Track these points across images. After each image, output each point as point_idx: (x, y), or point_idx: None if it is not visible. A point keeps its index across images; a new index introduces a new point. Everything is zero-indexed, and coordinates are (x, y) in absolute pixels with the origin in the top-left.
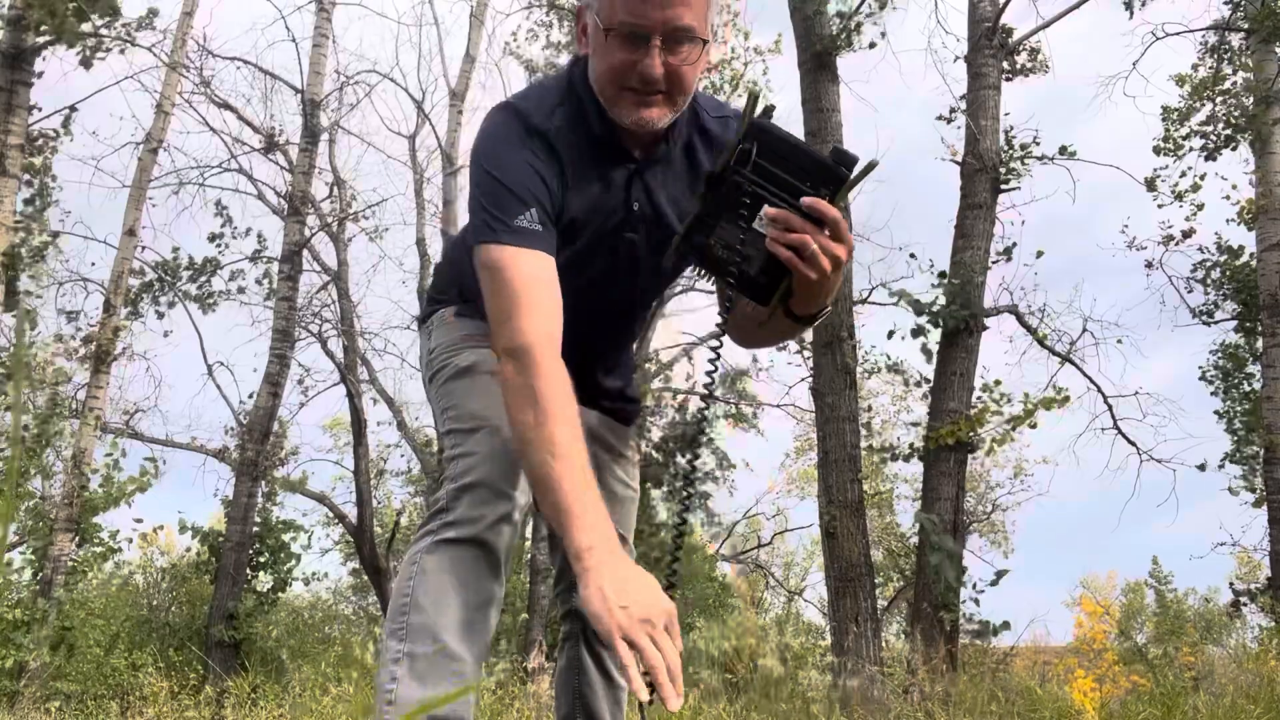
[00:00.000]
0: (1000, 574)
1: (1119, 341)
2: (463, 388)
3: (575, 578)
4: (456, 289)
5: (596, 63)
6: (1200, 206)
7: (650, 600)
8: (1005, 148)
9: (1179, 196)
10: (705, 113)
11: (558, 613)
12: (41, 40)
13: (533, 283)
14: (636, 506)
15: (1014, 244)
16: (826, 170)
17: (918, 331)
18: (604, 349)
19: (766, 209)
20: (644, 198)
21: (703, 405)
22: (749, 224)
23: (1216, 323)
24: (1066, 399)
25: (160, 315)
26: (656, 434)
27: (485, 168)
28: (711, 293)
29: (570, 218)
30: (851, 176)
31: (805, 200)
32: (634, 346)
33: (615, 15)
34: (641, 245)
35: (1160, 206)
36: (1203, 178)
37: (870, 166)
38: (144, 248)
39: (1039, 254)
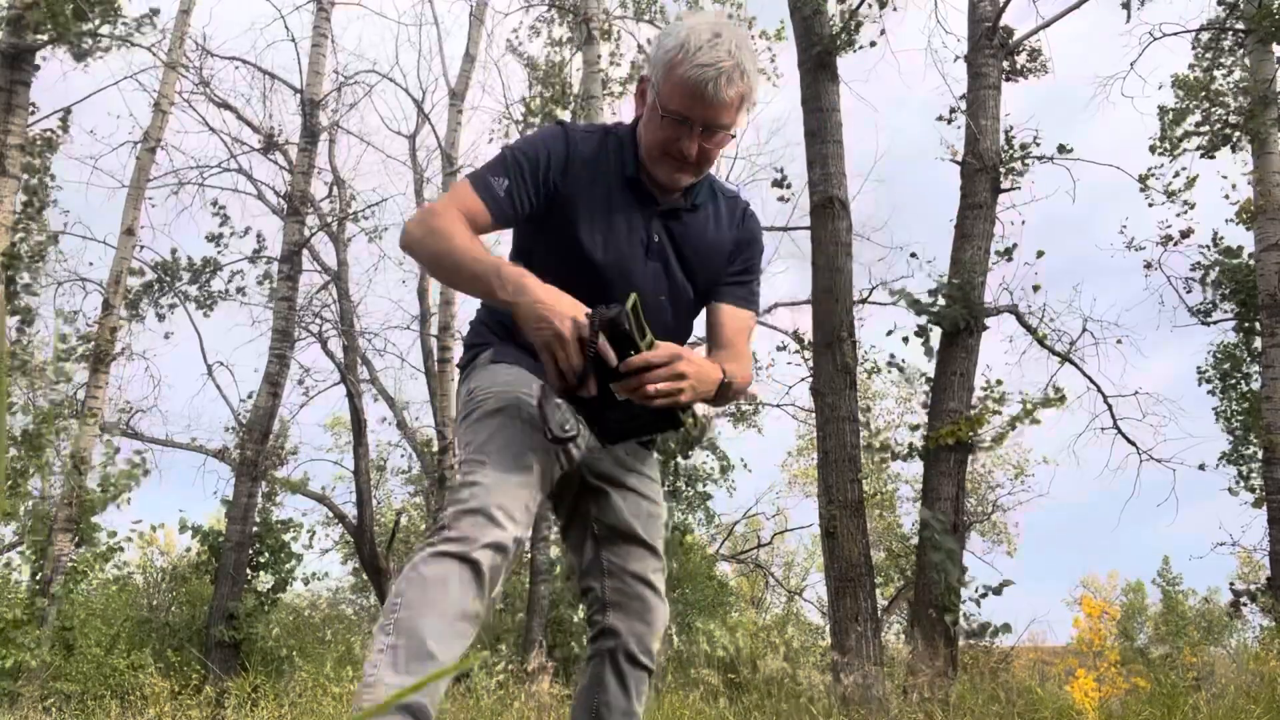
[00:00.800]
0: (1004, 584)
1: (1119, 341)
2: (485, 428)
3: (599, 590)
4: (489, 328)
5: (648, 130)
6: (1192, 205)
7: (570, 306)
8: (1005, 148)
9: (1170, 195)
10: (716, 183)
11: (588, 631)
12: (41, 40)
13: (465, 201)
14: (663, 521)
15: (1014, 244)
16: (622, 338)
17: (920, 332)
18: None
19: (613, 386)
20: (663, 234)
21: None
22: (618, 401)
23: (1215, 323)
24: (1063, 399)
25: (161, 317)
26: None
27: (508, 148)
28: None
29: (595, 235)
30: (624, 326)
31: (621, 368)
32: None
33: (671, 102)
34: (662, 273)
35: (1151, 205)
36: (1195, 178)
37: (627, 306)
38: (143, 247)
39: (1039, 254)
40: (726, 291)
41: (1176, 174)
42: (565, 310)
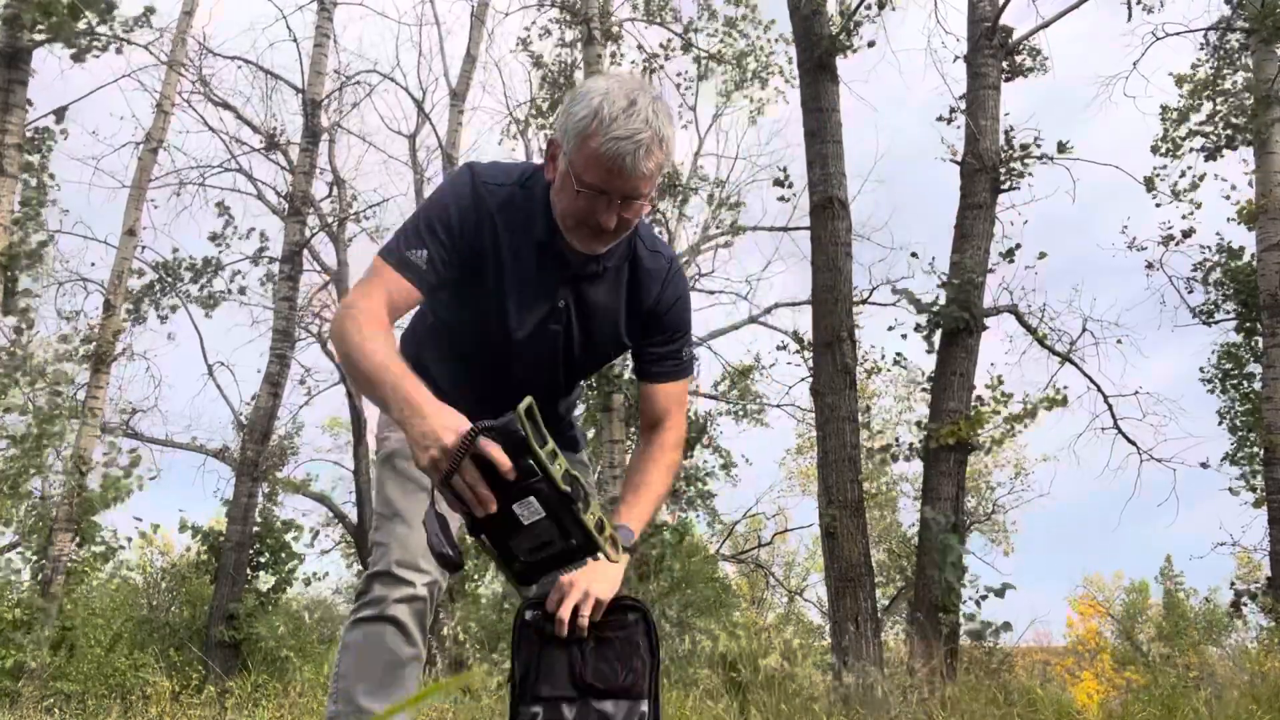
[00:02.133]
0: (1005, 586)
1: (1119, 341)
2: (387, 473)
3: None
4: (412, 358)
5: (560, 199)
6: (1198, 205)
7: (453, 420)
8: (1005, 148)
9: (1176, 195)
10: (642, 243)
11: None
12: (38, 39)
13: (385, 284)
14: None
15: (1018, 245)
16: (518, 445)
17: (920, 329)
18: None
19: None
20: (570, 298)
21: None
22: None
23: (1216, 323)
24: (1064, 400)
25: (163, 319)
26: None
27: (420, 205)
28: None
29: (501, 295)
30: (520, 434)
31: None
32: (569, 404)
33: (586, 175)
34: (562, 338)
35: (1158, 206)
36: (1201, 178)
37: (521, 409)
38: (144, 248)
39: (1041, 255)
40: (657, 370)
41: (1183, 174)
42: (449, 424)
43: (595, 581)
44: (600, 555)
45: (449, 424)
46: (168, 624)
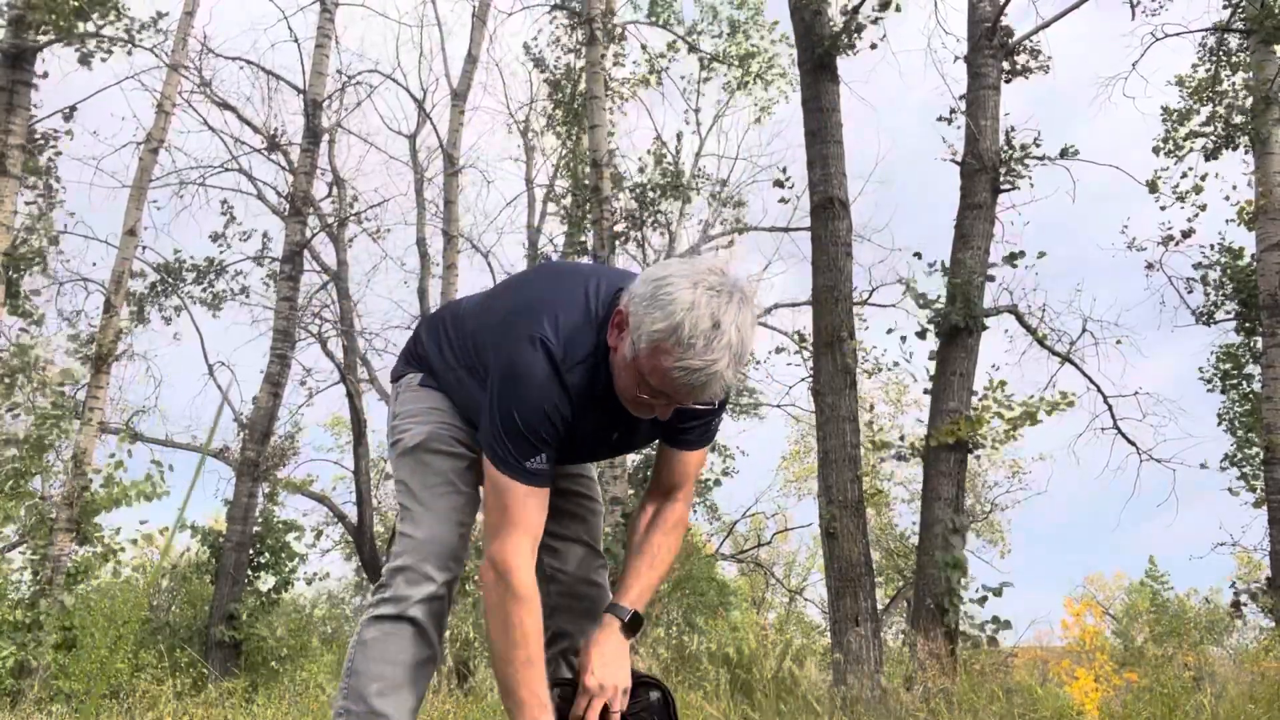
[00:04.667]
0: (1002, 585)
1: (1119, 342)
2: (410, 466)
3: (545, 595)
4: (425, 362)
5: (622, 378)
6: (1203, 207)
7: None
8: (1005, 148)
9: (1181, 198)
10: None
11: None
12: (43, 40)
13: (530, 511)
14: (601, 516)
15: (1021, 252)
16: None
17: (921, 333)
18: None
19: None
20: (624, 430)
21: None
22: None
23: (1216, 323)
24: (1071, 403)
25: (167, 321)
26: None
27: (513, 406)
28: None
29: (574, 434)
30: None
31: None
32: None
33: (651, 378)
34: (605, 443)
35: (1164, 208)
36: (1204, 178)
37: None
38: (145, 248)
39: (1041, 255)
40: (684, 439)
41: (1184, 174)
42: None
43: (616, 671)
44: None
45: None
46: (168, 624)
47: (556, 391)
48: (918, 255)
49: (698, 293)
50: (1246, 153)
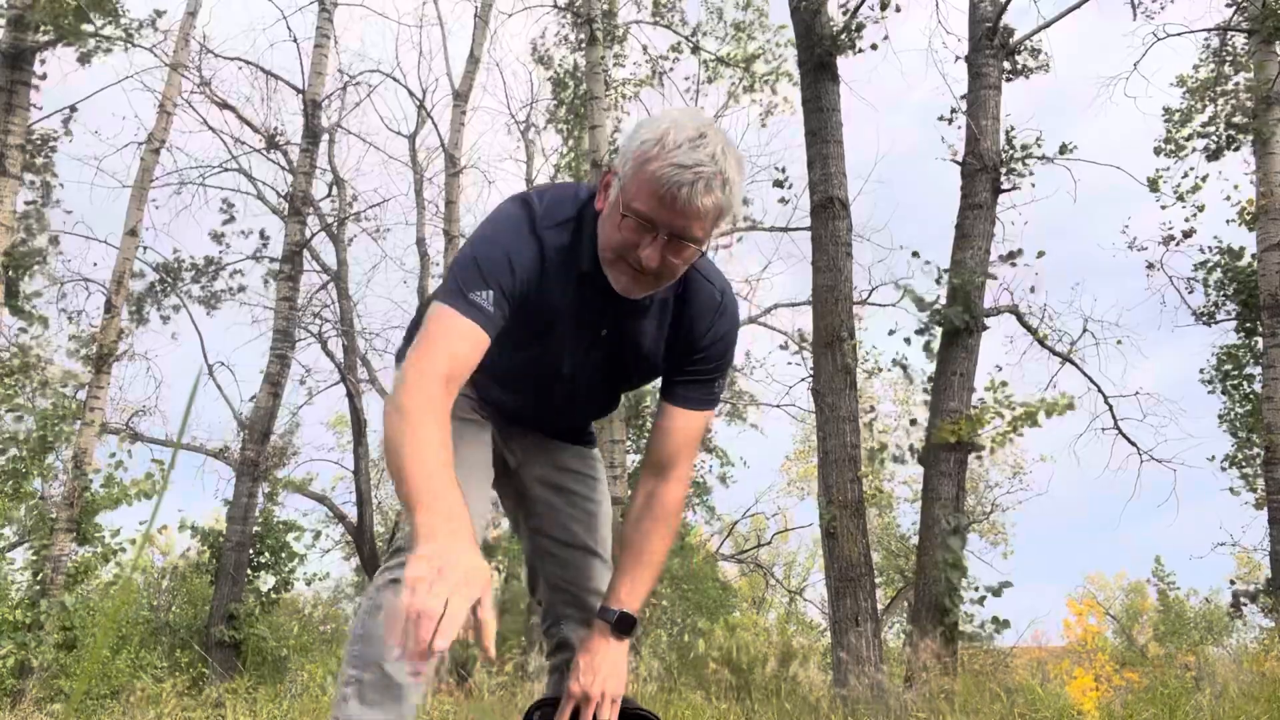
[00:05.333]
0: (1002, 585)
1: (1119, 342)
2: None
3: (549, 604)
4: None
5: (606, 228)
6: (1202, 207)
7: (462, 568)
8: (1006, 148)
9: (1181, 198)
10: (695, 271)
11: (547, 645)
12: (42, 40)
13: (451, 338)
14: (608, 520)
15: (1020, 250)
16: None
17: (922, 332)
18: (560, 415)
19: None
20: (613, 327)
21: None
22: None
23: (1217, 323)
24: (1070, 405)
25: (165, 319)
26: None
27: (473, 241)
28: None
29: (545, 320)
30: None
31: None
32: (591, 419)
33: (636, 201)
34: (603, 368)
35: (1164, 208)
36: (1204, 178)
37: None
38: (145, 248)
39: (1040, 254)
40: (683, 393)
41: (1185, 174)
42: (456, 583)
43: (608, 680)
44: None
45: (457, 581)
46: (168, 624)
47: (525, 239)
48: (916, 255)
49: (682, 114)
50: (1238, 150)
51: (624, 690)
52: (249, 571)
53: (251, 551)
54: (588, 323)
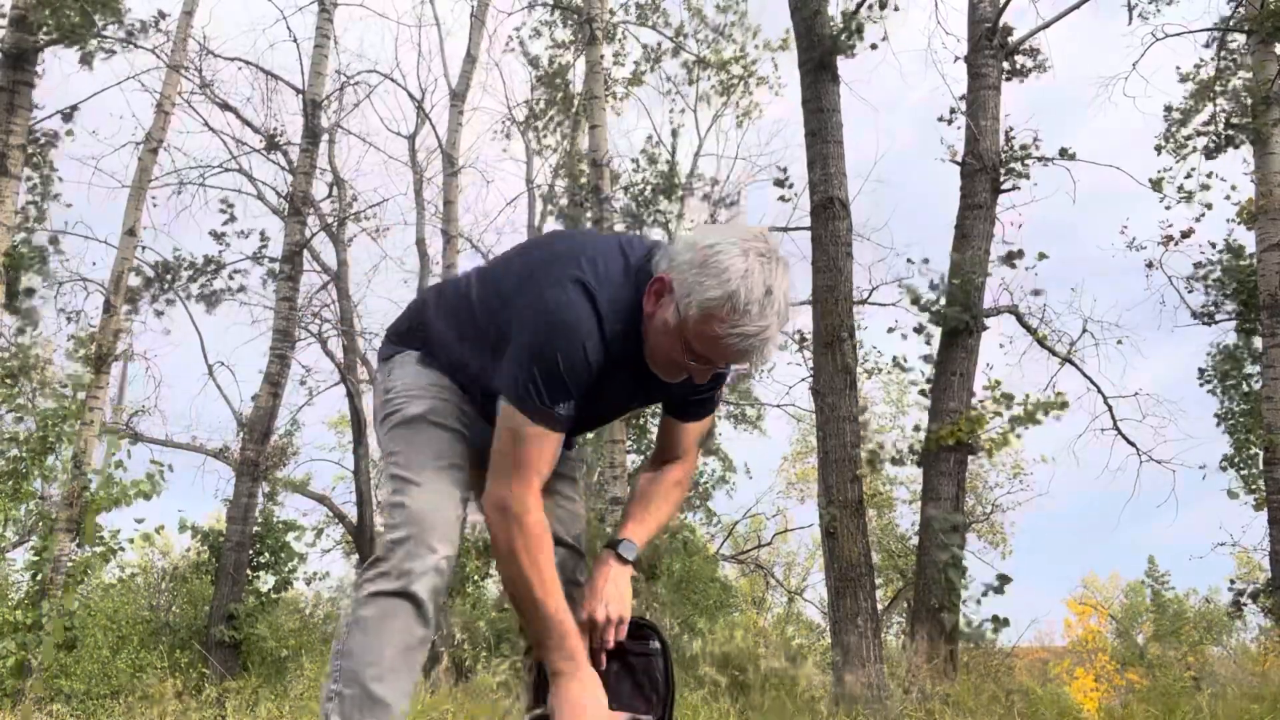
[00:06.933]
0: (1003, 580)
1: (1119, 342)
2: (408, 436)
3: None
4: (422, 339)
5: (661, 342)
6: (1209, 206)
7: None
8: (1005, 148)
9: (1188, 197)
10: None
11: (524, 639)
12: (44, 40)
13: (542, 459)
14: (583, 520)
15: (1020, 251)
16: None
17: (920, 329)
18: (569, 435)
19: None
20: (643, 395)
21: None
22: None
23: (1216, 323)
24: (1065, 404)
25: (159, 314)
26: None
27: (551, 346)
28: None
29: (595, 390)
30: None
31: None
32: None
33: (697, 346)
34: (621, 404)
35: (1168, 209)
36: (1210, 176)
37: None
38: (144, 248)
39: (1041, 256)
40: (692, 410)
41: (1189, 174)
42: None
43: (612, 603)
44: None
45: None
46: (168, 624)
47: (596, 336)
48: (910, 261)
49: (750, 260)
50: (1238, 149)
51: (629, 613)
52: (249, 571)
53: (251, 551)
54: (624, 379)
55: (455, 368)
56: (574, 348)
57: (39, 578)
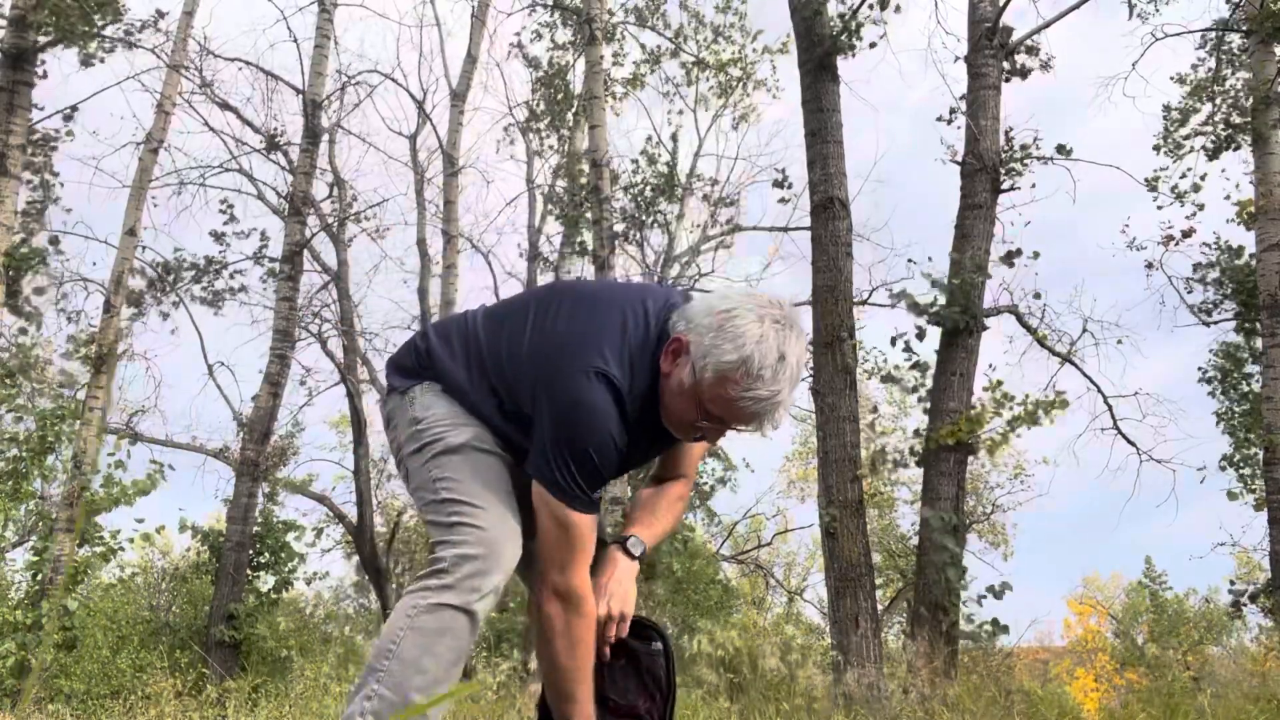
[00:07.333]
0: (1003, 587)
1: (1119, 342)
2: (457, 463)
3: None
4: (439, 376)
5: (676, 402)
6: (1201, 206)
7: None
8: (1005, 148)
9: (1180, 197)
10: None
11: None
12: (44, 40)
13: (592, 540)
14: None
15: (1019, 250)
16: None
17: (921, 333)
18: None
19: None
20: (657, 449)
21: None
22: None
23: (1216, 323)
24: (1065, 404)
25: (165, 316)
26: None
27: (584, 443)
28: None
29: (622, 459)
30: None
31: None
32: None
33: (712, 406)
34: (647, 458)
35: (1161, 208)
36: (1204, 177)
37: None
38: (145, 248)
39: (1035, 255)
40: (697, 436)
41: (1184, 174)
42: None
43: (614, 599)
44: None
45: None
46: (168, 624)
47: (619, 423)
48: (911, 261)
49: (765, 326)
50: (1237, 150)
51: (633, 610)
52: (249, 571)
53: (251, 551)
54: (643, 442)
55: (473, 408)
56: (605, 442)
57: (39, 578)
